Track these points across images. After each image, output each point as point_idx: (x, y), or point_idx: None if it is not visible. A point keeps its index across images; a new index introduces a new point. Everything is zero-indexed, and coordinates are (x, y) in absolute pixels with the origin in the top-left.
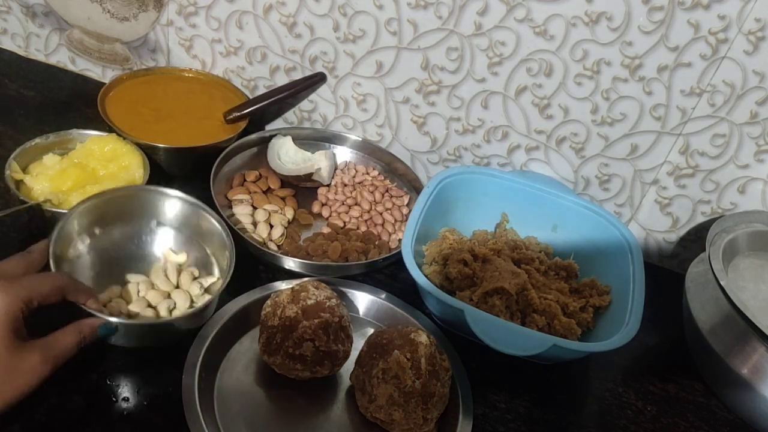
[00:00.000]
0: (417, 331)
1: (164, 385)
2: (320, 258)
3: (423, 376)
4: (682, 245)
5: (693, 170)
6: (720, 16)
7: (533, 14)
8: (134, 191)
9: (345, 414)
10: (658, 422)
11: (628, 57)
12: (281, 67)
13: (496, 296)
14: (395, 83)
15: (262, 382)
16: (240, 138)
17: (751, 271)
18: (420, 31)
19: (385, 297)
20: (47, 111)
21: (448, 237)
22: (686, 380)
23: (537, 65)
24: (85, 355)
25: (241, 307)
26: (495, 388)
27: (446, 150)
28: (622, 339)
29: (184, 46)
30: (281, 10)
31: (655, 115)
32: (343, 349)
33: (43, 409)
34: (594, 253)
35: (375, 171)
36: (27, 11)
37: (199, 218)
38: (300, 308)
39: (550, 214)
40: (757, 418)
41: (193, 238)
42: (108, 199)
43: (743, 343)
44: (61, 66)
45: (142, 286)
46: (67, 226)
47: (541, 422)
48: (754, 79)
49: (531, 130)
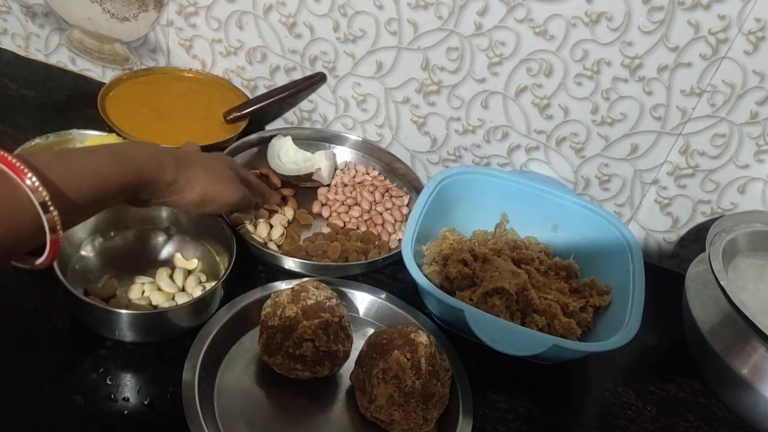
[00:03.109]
0: (417, 331)
1: (164, 384)
2: (320, 258)
3: (423, 376)
4: (682, 245)
5: (693, 170)
6: (720, 16)
7: (533, 14)
8: None
9: (345, 414)
10: (658, 422)
11: (628, 57)
12: (281, 67)
13: (496, 296)
14: (395, 83)
15: (262, 382)
16: (240, 138)
17: (751, 271)
18: (420, 31)
19: (385, 297)
20: (47, 111)
21: (448, 237)
22: (686, 380)
23: (537, 65)
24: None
25: (241, 307)
26: (495, 388)
27: (446, 150)
28: (622, 339)
29: (184, 46)
30: (281, 10)
31: (655, 115)
32: (343, 349)
33: (43, 409)
34: (594, 253)
35: (375, 171)
36: (27, 11)
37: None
38: (300, 308)
39: (550, 214)
40: (757, 418)
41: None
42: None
43: (743, 343)
44: (61, 66)
45: (147, 287)
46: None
47: (541, 422)
48: (754, 79)
49: (531, 130)
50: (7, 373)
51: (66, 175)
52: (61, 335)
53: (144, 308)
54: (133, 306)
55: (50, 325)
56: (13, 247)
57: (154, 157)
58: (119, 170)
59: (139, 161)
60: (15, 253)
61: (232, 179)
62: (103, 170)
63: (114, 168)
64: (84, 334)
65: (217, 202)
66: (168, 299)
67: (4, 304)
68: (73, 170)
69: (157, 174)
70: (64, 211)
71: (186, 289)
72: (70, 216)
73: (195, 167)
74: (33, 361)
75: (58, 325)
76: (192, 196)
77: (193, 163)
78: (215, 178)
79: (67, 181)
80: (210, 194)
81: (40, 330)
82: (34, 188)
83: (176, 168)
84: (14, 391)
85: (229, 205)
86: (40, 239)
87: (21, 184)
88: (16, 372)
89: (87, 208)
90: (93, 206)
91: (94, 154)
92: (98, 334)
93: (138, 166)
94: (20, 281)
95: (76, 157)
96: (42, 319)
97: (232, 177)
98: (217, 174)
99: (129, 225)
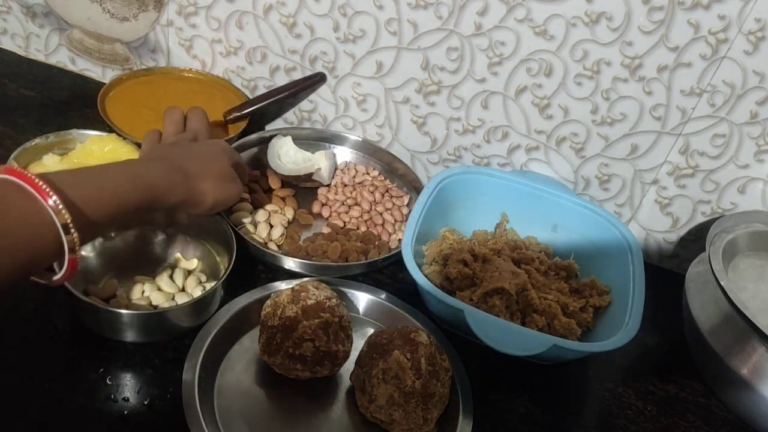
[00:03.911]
0: (417, 331)
1: (164, 385)
2: (320, 258)
3: (423, 376)
4: (682, 245)
5: (693, 170)
6: (720, 16)
7: (533, 14)
8: None
9: (345, 414)
10: (658, 422)
11: (628, 57)
12: (281, 67)
13: (496, 296)
14: (395, 83)
15: (262, 382)
16: (240, 138)
17: (751, 271)
18: (420, 31)
19: (385, 297)
20: (47, 111)
21: (448, 237)
22: (686, 380)
23: (537, 65)
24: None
25: (241, 307)
26: (495, 388)
27: (446, 150)
28: (622, 339)
29: (184, 46)
30: (281, 10)
31: (655, 115)
32: (343, 349)
33: (43, 409)
34: (594, 253)
35: (375, 171)
36: (27, 11)
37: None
38: (300, 308)
39: (550, 214)
40: (757, 418)
41: (198, 238)
42: None
43: (743, 343)
44: (61, 66)
45: (147, 287)
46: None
47: (541, 422)
48: (754, 79)
49: (531, 130)
50: (7, 373)
51: (86, 196)
52: (61, 335)
53: (144, 308)
54: (133, 306)
55: (50, 325)
56: (32, 265)
57: (165, 176)
58: (134, 190)
59: (152, 182)
60: (34, 271)
61: (233, 178)
62: (119, 190)
63: (129, 188)
64: (84, 334)
65: (225, 206)
66: (168, 299)
67: (4, 304)
68: (92, 191)
69: (170, 193)
70: (83, 230)
71: (186, 289)
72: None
73: (204, 180)
74: (33, 361)
75: (58, 325)
76: (204, 207)
77: (201, 174)
78: (222, 182)
79: (87, 201)
80: (220, 201)
81: (40, 330)
82: (56, 209)
83: (186, 184)
84: (14, 391)
85: (232, 204)
86: (58, 258)
87: (44, 205)
88: (16, 372)
89: (104, 227)
90: (110, 225)
91: (111, 174)
92: (98, 334)
93: (151, 188)
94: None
95: (94, 177)
96: (42, 319)
97: (233, 176)
98: (223, 178)
99: (129, 225)
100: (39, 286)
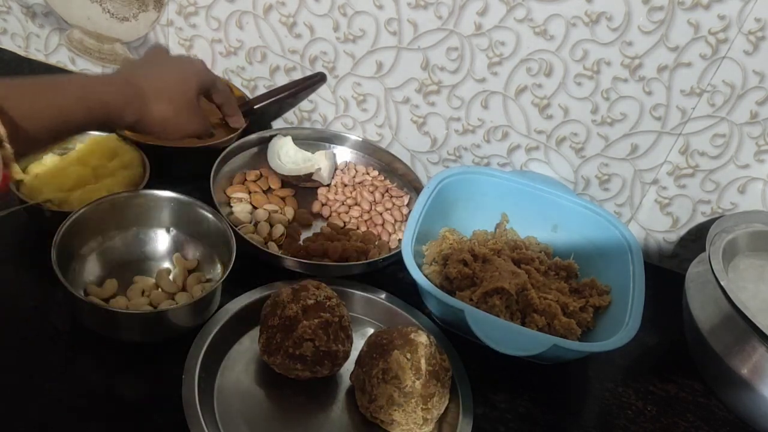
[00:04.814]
0: (417, 331)
1: (164, 385)
2: (320, 258)
3: (423, 376)
4: (682, 245)
5: (693, 170)
6: (720, 16)
7: (533, 14)
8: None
9: (345, 414)
10: (658, 422)
11: (628, 57)
12: (281, 67)
13: (496, 296)
14: (395, 83)
15: (262, 382)
16: (240, 138)
17: (751, 271)
18: (420, 31)
19: (385, 297)
20: None
21: (448, 237)
22: (686, 380)
23: (537, 65)
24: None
25: (241, 307)
26: (495, 388)
27: (446, 150)
28: (622, 339)
29: (184, 46)
30: (281, 10)
31: (655, 115)
32: (343, 349)
33: (43, 409)
34: (594, 253)
35: (375, 171)
36: (27, 11)
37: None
38: (300, 308)
39: (550, 214)
40: (757, 418)
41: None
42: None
43: (743, 343)
44: (61, 66)
45: (147, 287)
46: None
47: (541, 422)
48: (754, 79)
49: (531, 130)
50: (7, 373)
51: (27, 110)
52: (61, 335)
53: (144, 308)
54: (133, 306)
55: (50, 325)
56: None
57: (120, 93)
58: (84, 108)
59: (105, 99)
60: None
61: (194, 110)
62: (66, 108)
63: (79, 106)
64: (84, 334)
65: (177, 134)
66: (168, 299)
67: (4, 304)
68: (37, 106)
69: (123, 112)
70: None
71: (186, 289)
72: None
73: (160, 101)
74: (33, 361)
75: (58, 325)
76: (154, 129)
77: (158, 97)
78: (179, 110)
79: (28, 117)
80: (171, 127)
81: (40, 330)
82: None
83: (142, 104)
84: (14, 391)
85: (187, 136)
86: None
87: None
88: (16, 372)
89: (48, 142)
90: (51, 141)
91: (61, 89)
92: (98, 334)
93: (104, 105)
94: (20, 281)
95: (42, 92)
96: (42, 319)
97: (195, 108)
98: (182, 106)
99: (129, 225)
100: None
